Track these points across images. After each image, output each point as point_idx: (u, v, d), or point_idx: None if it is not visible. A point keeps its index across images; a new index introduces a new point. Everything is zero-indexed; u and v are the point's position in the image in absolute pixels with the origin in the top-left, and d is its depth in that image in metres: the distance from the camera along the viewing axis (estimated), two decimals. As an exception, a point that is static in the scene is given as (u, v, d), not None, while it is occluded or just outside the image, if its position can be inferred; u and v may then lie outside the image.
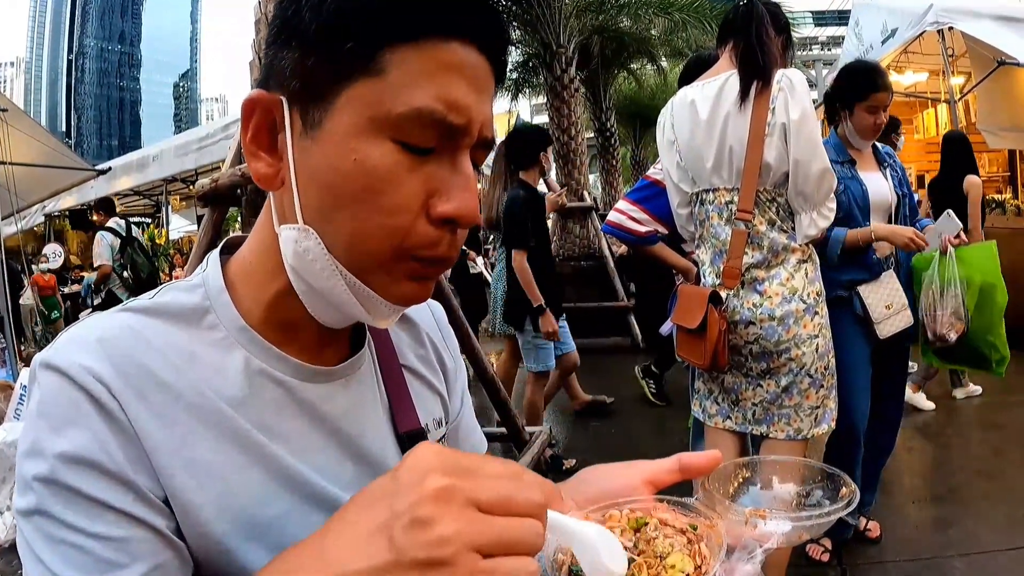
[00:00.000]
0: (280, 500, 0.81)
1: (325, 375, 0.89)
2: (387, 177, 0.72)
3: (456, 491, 0.54)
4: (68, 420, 0.70)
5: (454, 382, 1.12)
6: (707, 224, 2.86)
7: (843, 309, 3.26)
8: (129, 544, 0.69)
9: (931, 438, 5.41)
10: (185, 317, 0.83)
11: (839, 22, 58.38)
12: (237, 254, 0.90)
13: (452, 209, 0.74)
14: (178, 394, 0.77)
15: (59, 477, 0.68)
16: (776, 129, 2.62)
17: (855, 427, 3.34)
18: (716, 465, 0.79)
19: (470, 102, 0.74)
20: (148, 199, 17.26)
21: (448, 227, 0.75)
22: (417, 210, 0.74)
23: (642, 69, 20.55)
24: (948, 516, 4.07)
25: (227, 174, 3.02)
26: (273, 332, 0.85)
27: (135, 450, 0.72)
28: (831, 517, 0.73)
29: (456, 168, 0.75)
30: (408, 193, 0.73)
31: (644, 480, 0.79)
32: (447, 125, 0.73)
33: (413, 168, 0.73)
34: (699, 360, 2.75)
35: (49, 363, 0.73)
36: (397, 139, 0.72)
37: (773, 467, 0.85)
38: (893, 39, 9.06)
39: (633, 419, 6.60)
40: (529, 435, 3.96)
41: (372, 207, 0.73)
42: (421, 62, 0.72)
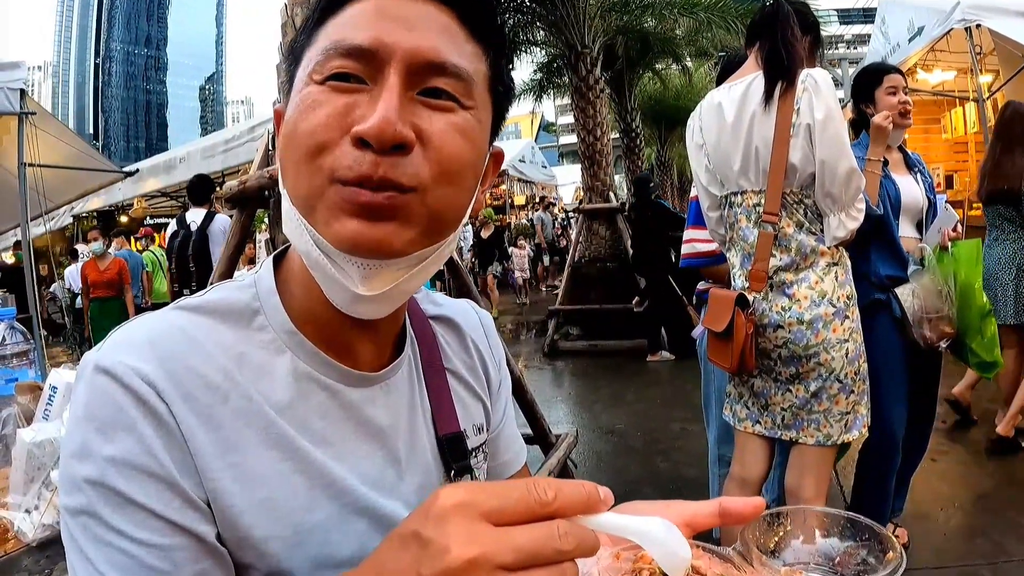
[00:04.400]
0: (322, 507, 0.82)
1: (368, 380, 0.90)
2: (310, 106, 0.76)
3: (481, 561, 0.52)
4: (116, 423, 0.72)
5: (497, 390, 1.13)
6: (736, 227, 2.84)
7: (881, 312, 3.23)
8: (172, 552, 0.71)
9: (959, 444, 5.35)
10: (235, 317, 0.85)
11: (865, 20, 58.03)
12: (287, 255, 0.92)
13: (362, 127, 0.73)
14: (225, 397, 0.79)
15: (108, 481, 0.70)
16: (801, 130, 2.60)
17: (893, 434, 3.29)
18: (759, 512, 0.75)
19: (382, 27, 0.76)
20: (175, 200, 17.40)
21: (367, 148, 0.73)
22: (339, 132, 0.75)
23: (667, 69, 20.56)
24: (976, 524, 4.03)
25: (255, 176, 3.04)
26: (319, 334, 0.87)
27: (181, 453, 0.74)
28: None
29: (379, 95, 0.75)
30: (328, 115, 0.75)
31: (682, 522, 0.72)
32: (360, 54, 0.76)
33: (337, 97, 0.76)
34: (727, 363, 2.73)
35: (98, 364, 0.74)
36: (321, 79, 0.77)
37: (817, 519, 0.80)
38: (920, 37, 8.98)
39: (656, 423, 6.57)
40: (556, 437, 3.95)
41: (301, 136, 0.77)
42: (342, 20, 0.79)
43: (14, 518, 1.76)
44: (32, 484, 1.80)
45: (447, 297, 1.15)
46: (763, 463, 2.92)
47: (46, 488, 1.76)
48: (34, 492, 1.79)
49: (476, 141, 0.82)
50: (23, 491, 1.80)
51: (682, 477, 5.06)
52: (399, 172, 0.74)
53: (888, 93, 3.37)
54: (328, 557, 0.81)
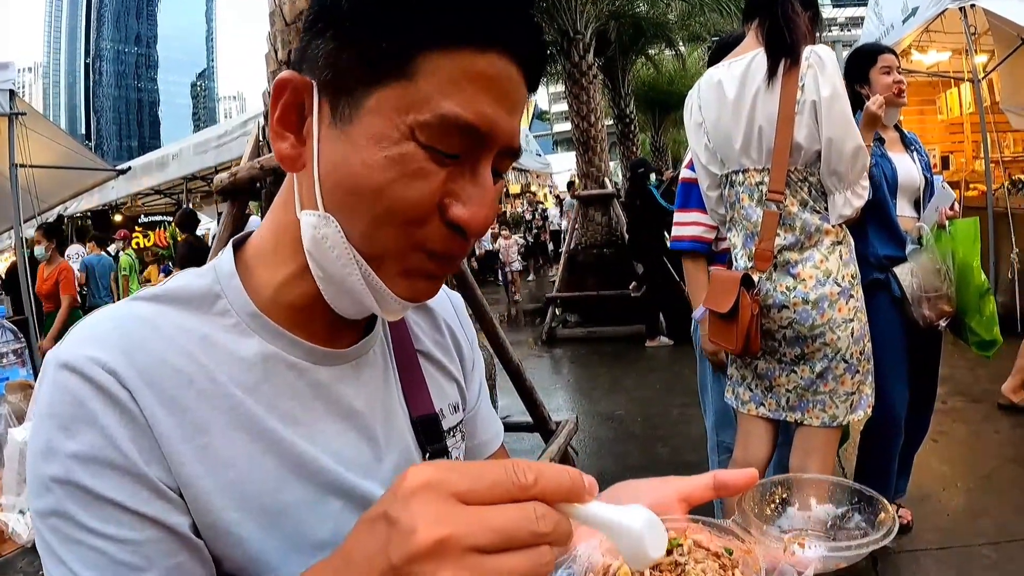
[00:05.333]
0: (295, 488, 0.81)
1: (337, 358, 0.89)
2: (411, 173, 0.73)
3: (449, 543, 0.50)
4: (78, 418, 0.70)
5: (471, 370, 1.13)
6: (738, 206, 2.82)
7: (880, 292, 3.22)
8: (144, 546, 0.70)
9: (961, 424, 5.35)
10: (195, 302, 0.83)
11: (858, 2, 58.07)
12: (252, 237, 0.91)
13: (465, 216, 0.75)
14: (189, 380, 0.77)
15: (74, 478, 0.69)
16: (806, 107, 2.57)
17: (895, 414, 3.30)
18: (753, 483, 0.78)
19: (497, 114, 0.75)
20: (169, 198, 17.40)
21: (458, 232, 0.76)
22: (434, 207, 0.75)
23: (660, 54, 20.61)
24: (979, 504, 4.04)
25: (245, 167, 3.03)
26: (284, 316, 0.85)
27: (147, 440, 0.72)
28: (870, 547, 0.71)
29: (476, 176, 0.76)
30: (428, 191, 0.74)
31: (678, 497, 0.78)
32: (471, 134, 0.74)
33: (435, 170, 0.74)
34: (731, 345, 2.71)
35: (59, 359, 0.73)
36: (423, 143, 0.73)
37: (811, 486, 0.83)
38: (914, 18, 8.94)
39: (656, 408, 6.57)
40: (556, 424, 3.93)
41: (393, 201, 0.74)
42: (453, 70, 0.72)
43: (8, 519, 1.74)
44: (25, 484, 1.78)
45: None
46: (767, 446, 2.90)
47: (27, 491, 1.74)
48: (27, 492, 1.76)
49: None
50: (16, 491, 1.78)
51: (683, 462, 5.06)
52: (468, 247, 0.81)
53: (882, 73, 3.37)
54: (303, 539, 0.80)
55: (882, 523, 0.74)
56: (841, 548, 0.71)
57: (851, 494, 0.80)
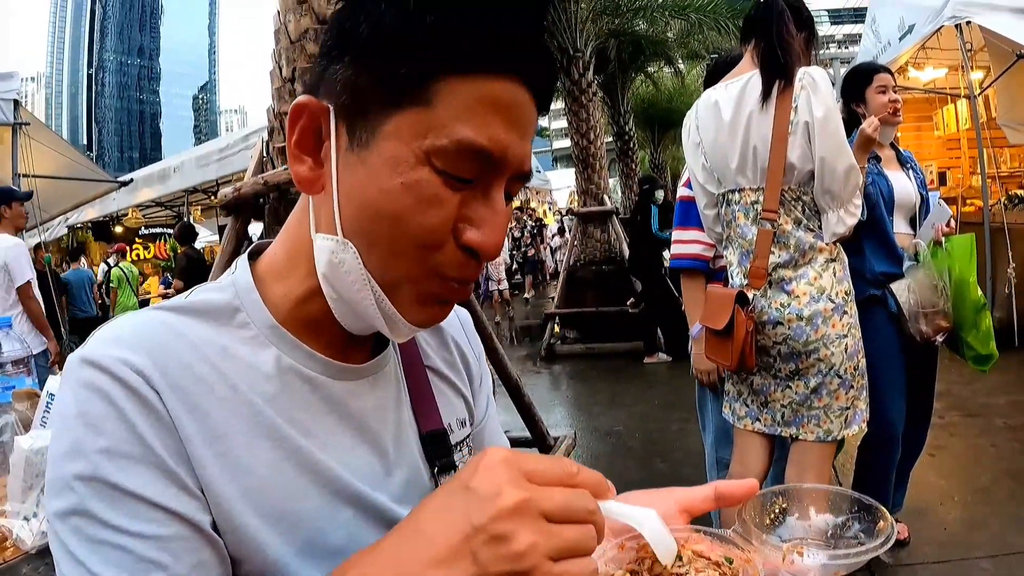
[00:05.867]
0: (311, 495, 0.82)
1: (352, 372, 0.90)
2: (428, 200, 0.75)
3: (530, 505, 0.57)
4: (106, 415, 0.71)
5: (479, 386, 1.13)
6: (733, 224, 2.84)
7: (876, 308, 3.25)
8: (171, 542, 0.70)
9: (958, 439, 5.36)
10: (216, 315, 0.84)
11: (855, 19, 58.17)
12: (266, 253, 0.92)
13: (478, 240, 0.78)
14: (211, 387, 0.78)
15: (101, 474, 0.69)
16: (799, 127, 2.60)
17: (892, 429, 3.32)
18: (753, 493, 0.79)
19: (510, 139, 0.77)
20: (170, 210, 17.38)
21: (471, 255, 0.79)
22: (448, 234, 0.77)
23: (659, 72, 20.59)
24: (976, 517, 4.04)
25: (250, 183, 3.04)
26: (302, 330, 0.87)
27: (173, 440, 0.73)
28: (868, 555, 0.73)
29: (489, 200, 0.79)
30: (444, 216, 0.76)
31: (680, 508, 0.80)
32: (485, 160, 0.76)
33: (450, 195, 0.76)
34: (727, 361, 2.73)
35: (85, 359, 0.74)
36: (438, 168, 0.75)
37: (810, 496, 0.84)
38: (911, 35, 9.00)
39: (655, 424, 6.58)
40: (554, 440, 3.96)
41: (410, 226, 0.76)
42: (469, 95, 0.74)
43: (12, 526, 1.75)
44: (30, 492, 1.79)
45: None
46: (763, 461, 2.92)
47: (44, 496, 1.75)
48: (32, 499, 1.78)
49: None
50: (21, 499, 1.79)
51: (681, 477, 5.04)
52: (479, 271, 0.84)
53: (878, 92, 3.41)
54: (318, 545, 0.81)
55: (880, 531, 0.76)
56: (840, 556, 0.73)
57: (850, 503, 0.81)
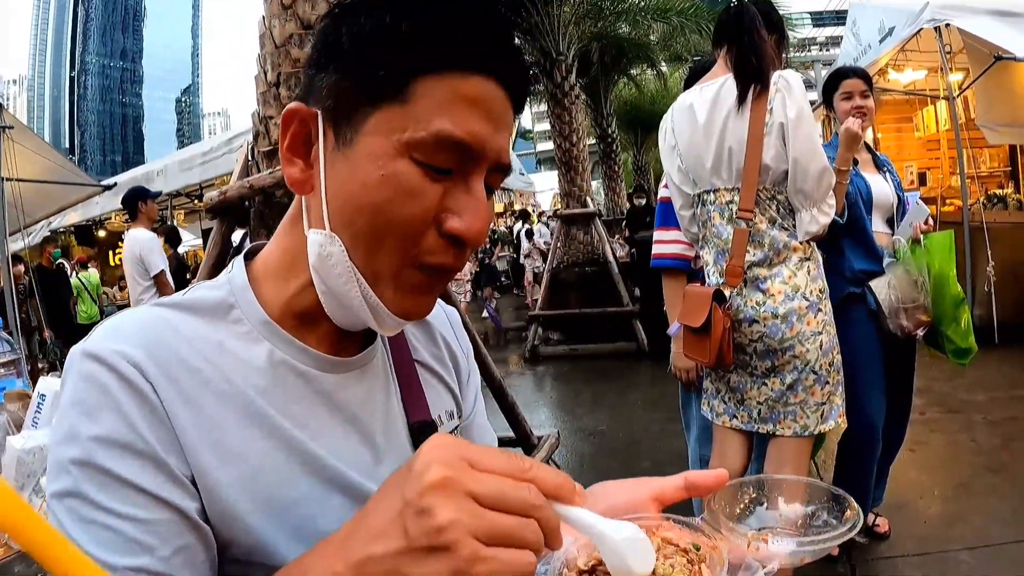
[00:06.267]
0: (301, 483, 0.86)
1: (341, 366, 0.94)
2: (408, 190, 0.79)
3: (454, 482, 0.58)
4: (101, 404, 0.75)
5: (467, 382, 1.17)
6: (709, 224, 2.88)
7: (856, 305, 3.30)
8: (157, 527, 0.74)
9: (938, 434, 5.41)
10: (211, 311, 0.89)
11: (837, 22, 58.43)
12: (262, 253, 0.96)
13: (461, 227, 0.80)
14: (206, 379, 0.82)
15: (94, 459, 0.73)
16: (774, 129, 2.65)
17: (873, 424, 3.37)
18: (723, 483, 0.82)
19: (486, 131, 0.81)
20: (153, 214, 17.22)
21: (454, 243, 0.81)
22: (430, 222, 0.80)
23: (642, 75, 20.59)
24: (956, 511, 4.09)
25: (235, 186, 3.05)
26: (294, 325, 0.91)
27: (165, 431, 0.77)
28: (833, 542, 0.75)
29: (470, 190, 0.82)
30: (424, 206, 0.79)
31: (651, 497, 0.82)
32: (462, 150, 0.79)
33: (430, 186, 0.79)
34: (705, 358, 2.77)
35: (84, 351, 0.78)
36: (418, 160, 0.79)
37: (780, 486, 0.86)
38: (891, 38, 9.06)
39: (638, 424, 6.61)
40: (537, 439, 3.98)
41: (392, 216, 0.79)
42: (444, 92, 0.79)
43: (5, 525, 1.76)
44: (23, 491, 1.81)
45: None
46: (741, 457, 2.96)
47: (36, 495, 1.78)
48: (25, 499, 1.80)
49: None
50: (13, 498, 1.81)
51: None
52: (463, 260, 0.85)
53: (842, 99, 3.47)
54: (308, 531, 0.84)
55: (847, 519, 0.78)
56: (805, 543, 0.75)
57: (819, 493, 0.83)
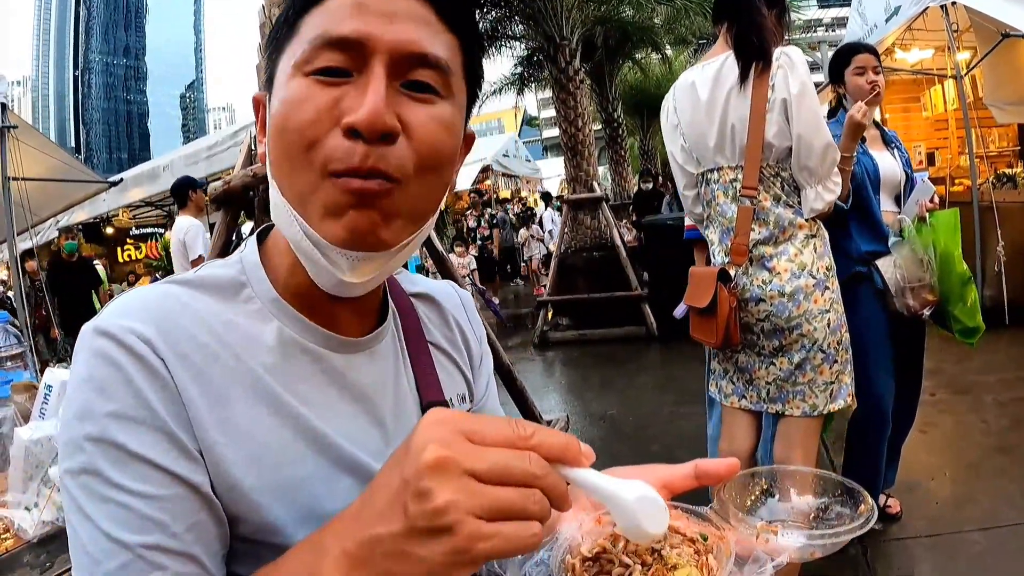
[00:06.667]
0: (309, 462, 0.85)
1: (351, 346, 0.94)
2: (299, 100, 0.79)
3: (450, 462, 0.57)
4: (114, 381, 0.75)
5: (479, 365, 1.16)
6: (714, 203, 2.87)
7: (862, 285, 3.27)
8: (170, 503, 0.74)
9: (948, 415, 5.38)
10: (223, 289, 0.89)
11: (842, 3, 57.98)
12: (272, 231, 0.96)
13: (352, 118, 0.76)
14: (215, 356, 0.82)
15: (108, 436, 0.73)
16: (776, 105, 2.63)
17: (883, 405, 3.34)
18: (733, 473, 0.79)
19: (368, 23, 0.79)
20: (160, 209, 17.28)
21: (358, 139, 0.76)
22: (329, 125, 0.78)
23: (647, 58, 20.52)
24: (967, 492, 4.07)
25: (238, 175, 3.06)
26: (301, 302, 0.90)
27: (176, 406, 0.77)
28: (845, 536, 0.73)
29: (366, 84, 0.78)
30: (318, 109, 0.78)
31: (660, 484, 0.79)
32: (345, 47, 0.79)
33: (322, 90, 0.79)
34: (711, 339, 2.76)
35: (96, 328, 0.78)
36: (308, 72, 0.79)
37: (792, 478, 0.85)
38: (896, 17, 9.00)
39: (647, 408, 6.61)
40: (547, 423, 3.98)
41: (289, 129, 0.79)
42: (324, 12, 0.80)
43: (14, 516, 1.77)
44: (31, 482, 1.81)
45: (427, 278, 1.19)
46: (751, 438, 2.95)
47: (45, 485, 1.78)
48: (33, 489, 1.80)
49: (455, 131, 0.86)
50: (22, 489, 1.81)
51: (674, 460, 4.94)
52: (386, 162, 0.77)
53: (855, 73, 3.40)
54: (316, 510, 0.84)
55: (861, 513, 0.76)
56: (817, 537, 0.73)
57: (832, 486, 0.81)
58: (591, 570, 0.74)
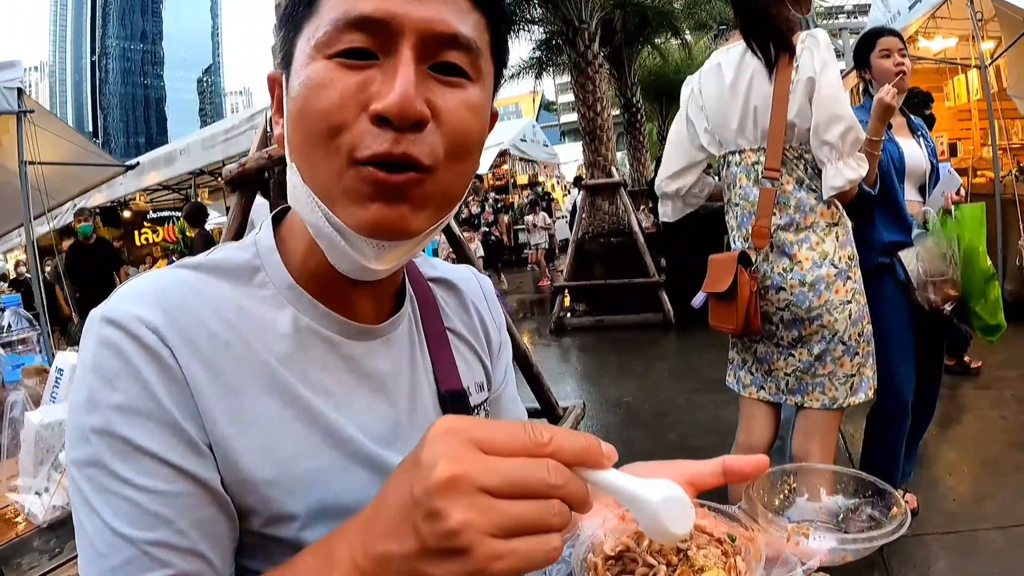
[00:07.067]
0: (322, 455, 0.83)
1: (369, 333, 0.91)
2: (322, 84, 0.75)
3: (462, 479, 0.53)
4: (121, 372, 0.73)
5: (498, 353, 1.14)
6: (735, 187, 2.84)
7: (885, 276, 3.21)
8: (176, 498, 0.72)
9: (967, 410, 5.33)
10: (236, 274, 0.86)
11: (864, -10, 57.51)
12: (289, 214, 0.92)
13: (381, 105, 0.73)
14: (226, 344, 0.80)
15: (114, 428, 0.71)
16: (800, 85, 2.60)
17: (902, 398, 3.28)
18: (762, 470, 0.76)
19: (391, 1, 0.74)
20: (177, 193, 17.37)
21: (387, 126, 0.73)
22: (355, 110, 0.74)
23: (666, 43, 20.46)
24: (985, 489, 4.03)
25: (254, 157, 3.03)
26: (317, 288, 0.88)
27: (184, 397, 0.75)
28: (879, 541, 0.70)
29: (394, 68, 0.75)
30: (342, 93, 0.74)
31: (685, 481, 0.73)
32: (369, 27, 0.74)
33: (345, 74, 0.75)
34: (731, 325, 2.72)
35: (104, 316, 0.76)
36: (330, 55, 0.75)
37: (822, 477, 0.82)
38: (920, 4, 8.89)
39: (664, 395, 6.58)
40: (563, 410, 3.94)
41: (312, 115, 0.76)
42: None
43: (25, 501, 1.76)
44: (41, 466, 1.80)
45: (446, 262, 1.16)
46: (769, 430, 2.91)
47: (55, 470, 1.76)
48: (43, 474, 1.79)
49: (484, 115, 0.83)
50: (33, 473, 1.80)
51: (690, 448, 5.05)
52: (418, 150, 0.74)
53: (881, 56, 3.32)
54: (330, 505, 0.82)
55: (893, 517, 0.73)
56: (849, 541, 0.70)
57: (863, 486, 0.79)
58: (613, 569, 0.71)
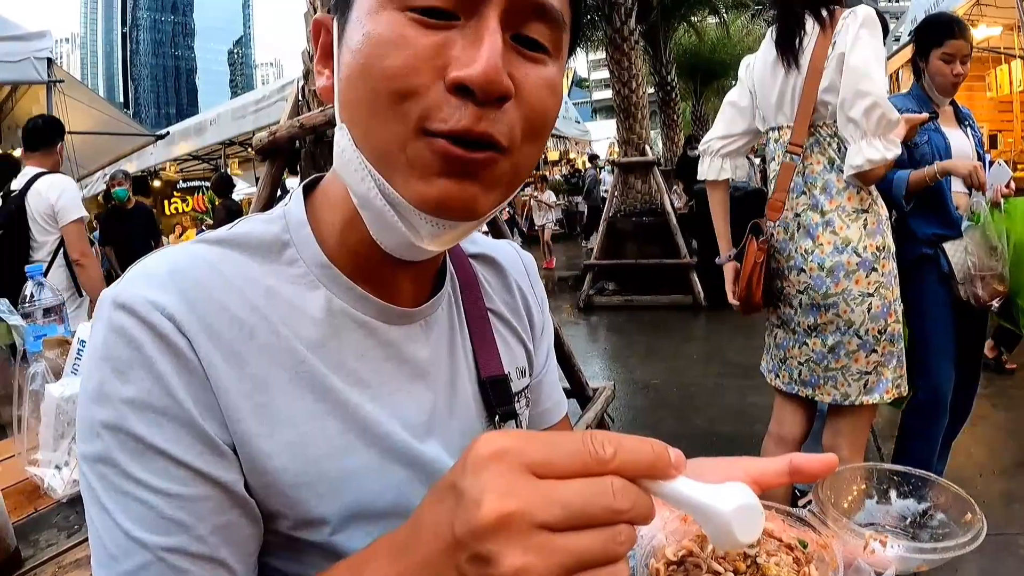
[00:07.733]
0: (356, 453, 0.77)
1: (408, 316, 0.84)
2: (393, 40, 0.66)
3: (517, 518, 0.44)
4: (133, 362, 0.66)
5: (540, 336, 1.08)
6: (773, 164, 2.81)
7: (928, 268, 3.13)
8: (194, 503, 0.66)
9: (1000, 409, 5.21)
10: (263, 250, 0.78)
11: (904, -30, 56.71)
12: (321, 183, 0.86)
13: (464, 73, 0.64)
14: (252, 332, 0.73)
15: (126, 425, 0.65)
16: (833, 60, 2.54)
17: (941, 393, 3.19)
18: (832, 470, 0.67)
19: None
20: (207, 163, 17.50)
21: (468, 97, 0.65)
22: (430, 75, 0.66)
23: (703, 22, 20.37)
24: (1016, 490, 3.94)
25: (285, 126, 2.99)
26: (353, 267, 0.80)
27: (203, 392, 0.69)
28: (957, 551, 0.65)
29: (478, 33, 0.66)
30: (417, 55, 0.66)
31: (750, 480, 0.65)
32: None
33: (421, 34, 0.66)
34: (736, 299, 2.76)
35: (116, 299, 0.69)
36: (406, 7, 0.67)
37: (895, 478, 0.76)
38: (965, -10, 8.70)
39: (692, 378, 6.53)
40: (593, 391, 3.89)
41: (381, 76, 0.66)
42: None
43: (44, 475, 1.73)
44: (62, 440, 1.78)
45: (486, 237, 1.10)
46: (799, 424, 2.87)
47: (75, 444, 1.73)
48: (64, 448, 1.76)
49: (560, 93, 0.76)
50: (53, 447, 1.78)
51: (717, 432, 5.02)
52: (497, 129, 0.67)
53: (943, 59, 3.17)
54: (364, 506, 0.76)
55: (969, 524, 0.68)
56: (926, 550, 0.65)
57: (936, 491, 0.74)
58: (676, 575, 0.66)
